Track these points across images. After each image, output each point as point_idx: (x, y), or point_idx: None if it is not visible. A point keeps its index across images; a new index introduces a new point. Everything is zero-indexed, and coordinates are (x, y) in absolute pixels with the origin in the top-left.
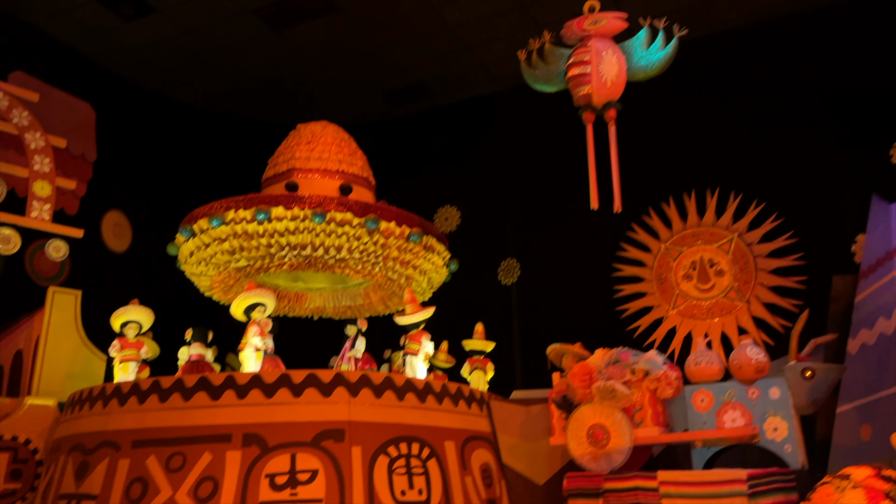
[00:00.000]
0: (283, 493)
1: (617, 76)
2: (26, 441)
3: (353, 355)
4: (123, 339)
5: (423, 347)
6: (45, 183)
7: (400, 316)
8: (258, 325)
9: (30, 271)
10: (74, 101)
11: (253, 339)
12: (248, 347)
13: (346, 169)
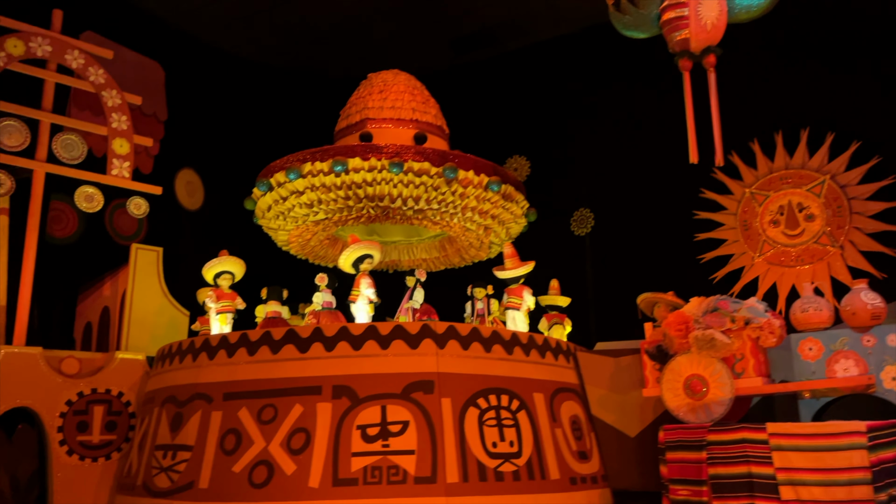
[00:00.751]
0: (375, 444)
1: (717, 18)
2: (119, 394)
3: (412, 306)
4: (218, 290)
5: (524, 302)
6: (124, 140)
7: (500, 270)
8: (368, 277)
9: (110, 230)
10: (144, 60)
11: (366, 290)
12: (361, 299)
13: (420, 118)
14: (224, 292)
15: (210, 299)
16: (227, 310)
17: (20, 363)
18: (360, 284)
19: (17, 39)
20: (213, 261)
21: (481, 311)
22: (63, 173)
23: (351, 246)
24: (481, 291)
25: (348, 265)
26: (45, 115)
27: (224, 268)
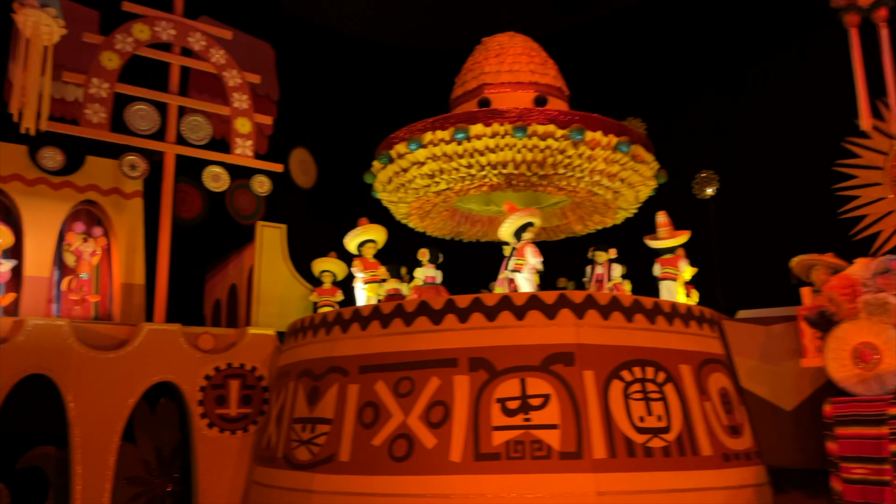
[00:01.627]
0: (516, 418)
1: None
2: (252, 368)
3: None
4: (364, 259)
5: (680, 273)
6: (245, 120)
7: (653, 239)
8: (534, 246)
9: (231, 210)
10: (255, 41)
11: (533, 259)
12: (527, 268)
13: (539, 80)
14: (369, 261)
15: (356, 269)
16: (375, 280)
17: (162, 339)
18: (524, 253)
19: (143, 24)
20: (354, 230)
21: (600, 277)
22: (191, 154)
23: (512, 215)
24: (602, 255)
25: (510, 235)
26: (172, 97)
27: (367, 236)
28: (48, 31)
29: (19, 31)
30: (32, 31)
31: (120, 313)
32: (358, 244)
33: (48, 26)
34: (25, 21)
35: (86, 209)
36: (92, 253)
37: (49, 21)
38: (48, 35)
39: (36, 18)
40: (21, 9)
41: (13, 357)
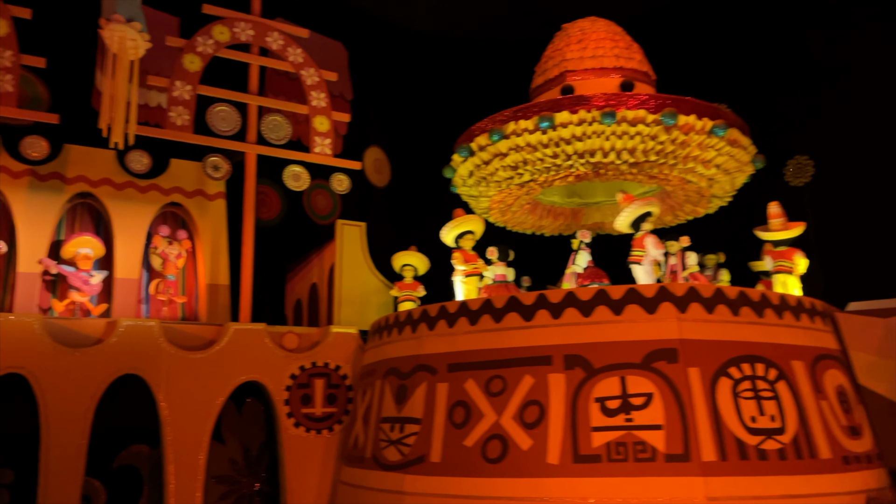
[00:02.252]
0: (617, 418)
1: None
2: (336, 367)
3: (574, 271)
4: (463, 251)
5: (795, 266)
6: (324, 118)
7: (765, 231)
8: (654, 237)
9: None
10: (328, 41)
11: (654, 251)
12: (647, 260)
13: (625, 64)
14: (469, 254)
15: (456, 261)
16: (475, 273)
17: (248, 339)
18: (644, 244)
19: (222, 26)
20: (451, 222)
21: (674, 267)
22: (272, 154)
23: (631, 205)
24: (674, 244)
25: (627, 225)
26: (252, 98)
27: (465, 227)
28: (134, 45)
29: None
30: (119, 46)
31: (206, 314)
32: (456, 236)
33: (134, 41)
34: (112, 36)
35: (171, 211)
36: (177, 255)
37: (135, 35)
38: (134, 49)
39: (122, 33)
40: (108, 24)
41: (107, 358)
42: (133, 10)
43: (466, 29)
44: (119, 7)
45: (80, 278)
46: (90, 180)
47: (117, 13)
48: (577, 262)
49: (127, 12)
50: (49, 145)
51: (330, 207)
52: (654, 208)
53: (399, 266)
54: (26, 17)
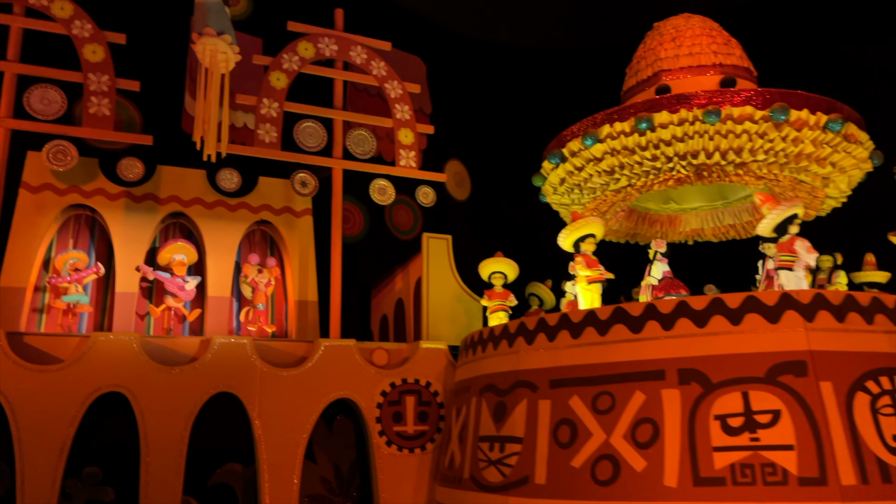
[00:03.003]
0: (741, 437)
1: None
2: (427, 384)
3: (649, 282)
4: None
5: None
6: (408, 130)
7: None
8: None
9: (390, 226)
10: (407, 56)
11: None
12: (798, 265)
13: (724, 60)
14: (591, 258)
15: (579, 267)
16: (599, 279)
17: (338, 355)
18: (794, 248)
19: (307, 42)
20: (570, 226)
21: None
22: (358, 168)
23: (777, 208)
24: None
25: (771, 230)
26: (338, 113)
27: (587, 230)
28: (224, 58)
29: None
30: (210, 60)
31: (296, 330)
32: (576, 240)
33: (224, 53)
34: (203, 50)
35: (259, 229)
36: (267, 283)
37: (225, 48)
38: (225, 63)
39: (213, 47)
40: (199, 38)
41: (203, 376)
42: (223, 23)
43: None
44: (210, 20)
45: (176, 284)
46: (182, 200)
47: (208, 26)
48: (653, 273)
49: (217, 25)
50: (144, 166)
51: (412, 222)
52: (800, 210)
53: (487, 274)
54: (121, 43)
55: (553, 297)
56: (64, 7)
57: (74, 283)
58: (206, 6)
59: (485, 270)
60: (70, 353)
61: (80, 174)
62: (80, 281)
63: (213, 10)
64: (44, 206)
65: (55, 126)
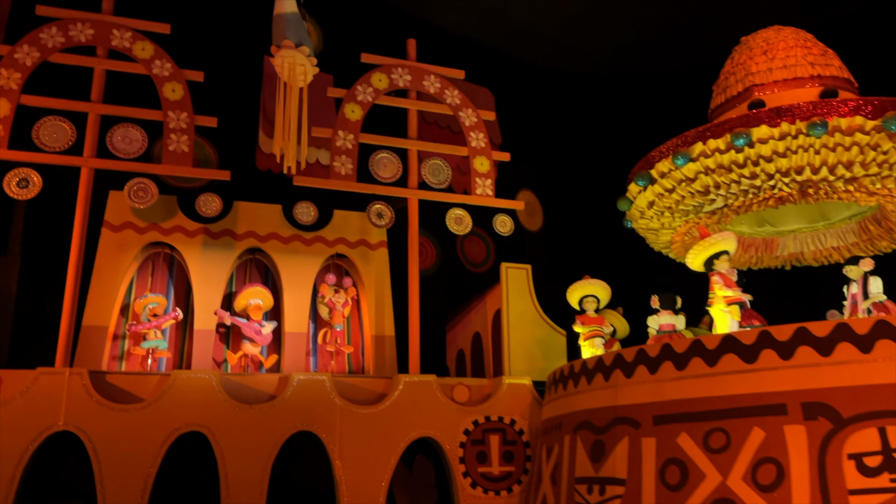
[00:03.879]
0: (880, 478)
1: None
2: (511, 421)
3: (868, 306)
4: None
5: None
6: (484, 158)
7: None
8: None
9: (462, 258)
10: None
11: None
12: None
13: (822, 72)
14: (729, 278)
15: (717, 285)
16: (738, 300)
17: (418, 392)
18: None
19: (380, 73)
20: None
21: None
22: (434, 198)
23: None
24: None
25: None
26: (412, 143)
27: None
28: (303, 70)
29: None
30: (289, 73)
31: (373, 366)
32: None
33: (302, 66)
34: (282, 64)
35: (335, 263)
36: (343, 304)
37: (303, 60)
38: (303, 75)
39: (292, 59)
40: (278, 52)
41: (282, 414)
42: (301, 34)
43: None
44: (288, 32)
45: (253, 328)
46: (259, 235)
47: (287, 38)
48: (874, 292)
49: (295, 37)
50: (221, 202)
51: (484, 255)
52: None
53: (578, 298)
54: (199, 80)
55: (627, 326)
56: (145, 48)
57: (154, 328)
58: (284, 18)
59: (575, 295)
60: (151, 392)
61: (160, 212)
62: (158, 327)
63: (292, 22)
64: (125, 245)
65: (136, 164)
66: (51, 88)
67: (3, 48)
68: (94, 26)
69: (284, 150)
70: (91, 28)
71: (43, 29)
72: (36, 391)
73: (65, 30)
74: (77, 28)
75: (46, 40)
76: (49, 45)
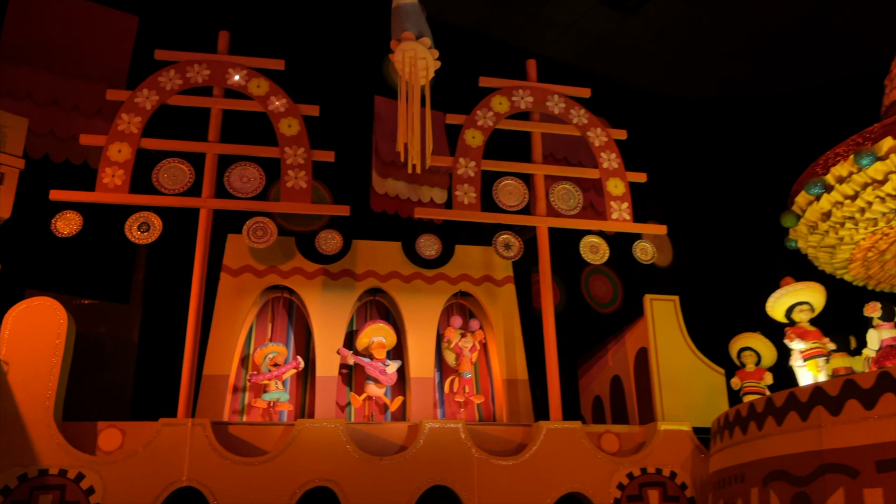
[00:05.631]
0: None
1: None
2: (672, 474)
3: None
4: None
5: None
6: (618, 180)
7: None
8: None
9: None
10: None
11: None
12: None
13: None
14: (807, 330)
15: (790, 340)
16: (817, 353)
17: (563, 441)
18: None
19: (501, 96)
20: (778, 291)
21: None
22: (564, 225)
23: None
24: None
25: None
26: (538, 167)
27: (798, 298)
28: (424, 65)
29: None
30: (410, 69)
31: (506, 413)
32: (787, 309)
33: (424, 59)
34: (403, 59)
35: (458, 303)
36: (471, 349)
37: (425, 53)
38: (425, 70)
39: (413, 53)
40: (398, 46)
41: (414, 466)
42: (420, 25)
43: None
44: (407, 23)
45: (377, 368)
46: (379, 275)
47: (406, 30)
48: (870, 342)
49: (415, 29)
50: (342, 238)
51: (611, 294)
52: None
53: (736, 351)
54: (314, 115)
55: (774, 351)
56: (260, 85)
57: (274, 379)
58: (403, 9)
59: (733, 347)
60: (275, 444)
61: (278, 254)
62: (280, 377)
63: (411, 14)
64: (244, 290)
65: (255, 203)
66: (168, 131)
67: (124, 93)
68: (210, 66)
69: (409, 144)
70: (207, 69)
71: (162, 72)
72: (159, 444)
73: (182, 72)
74: (194, 70)
75: (165, 83)
76: (167, 88)
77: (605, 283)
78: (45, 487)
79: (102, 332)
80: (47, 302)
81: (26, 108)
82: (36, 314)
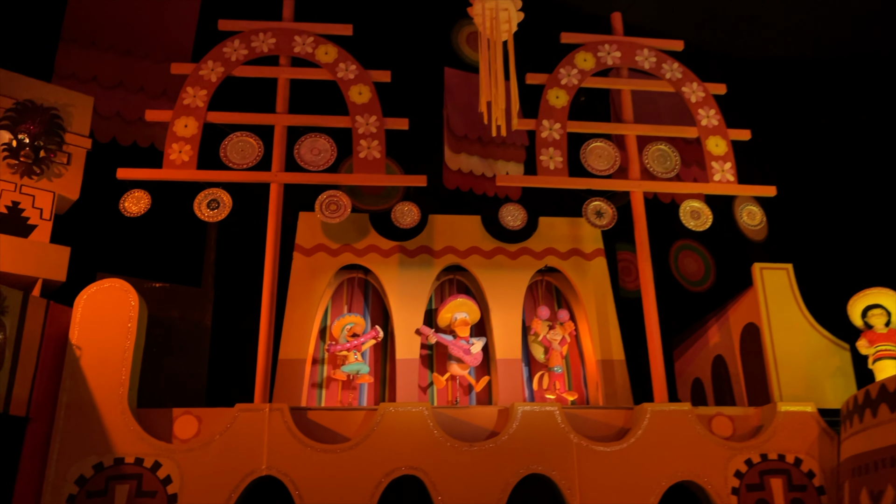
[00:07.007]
0: None
1: None
2: (796, 460)
3: None
4: None
5: None
6: (719, 139)
7: None
8: None
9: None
10: None
11: None
12: None
13: None
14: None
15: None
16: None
17: (670, 425)
18: None
19: (585, 52)
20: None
21: None
22: (661, 189)
23: None
24: None
25: None
26: (630, 127)
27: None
28: (506, 17)
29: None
30: (491, 24)
31: (602, 396)
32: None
33: (506, 10)
34: (483, 12)
35: (544, 279)
36: (561, 341)
37: (507, 4)
38: (507, 23)
39: (493, 3)
40: None
41: (507, 453)
42: None
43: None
44: None
45: (461, 347)
46: (458, 251)
47: None
48: None
49: None
50: (420, 211)
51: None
52: None
53: (858, 311)
54: (385, 81)
55: None
56: (328, 51)
57: (353, 349)
58: None
59: (854, 307)
60: (357, 430)
61: (352, 232)
62: (359, 347)
63: None
64: (318, 269)
65: (327, 175)
66: (234, 103)
67: (189, 66)
68: (275, 35)
69: (493, 102)
70: (273, 37)
71: (226, 43)
72: (236, 430)
73: (247, 41)
74: (259, 38)
75: (230, 54)
76: (233, 59)
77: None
78: (121, 477)
79: (175, 316)
80: (118, 283)
81: (92, 91)
82: (107, 297)
